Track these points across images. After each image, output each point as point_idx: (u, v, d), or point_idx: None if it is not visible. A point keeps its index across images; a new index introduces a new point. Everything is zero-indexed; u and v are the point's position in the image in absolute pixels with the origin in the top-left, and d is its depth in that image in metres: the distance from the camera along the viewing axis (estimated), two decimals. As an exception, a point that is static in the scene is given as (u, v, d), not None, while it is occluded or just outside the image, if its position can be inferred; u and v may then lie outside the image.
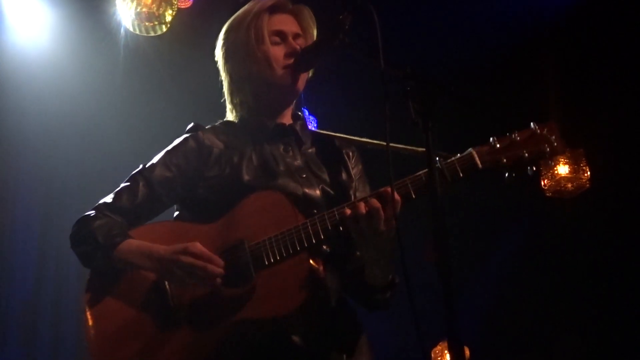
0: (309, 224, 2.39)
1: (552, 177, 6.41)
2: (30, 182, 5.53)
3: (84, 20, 5.39)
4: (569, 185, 6.39)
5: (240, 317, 2.36)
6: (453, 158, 2.41)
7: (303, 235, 2.38)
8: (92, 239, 2.49)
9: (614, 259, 6.45)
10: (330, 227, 2.38)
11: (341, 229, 2.39)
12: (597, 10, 5.93)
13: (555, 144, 2.42)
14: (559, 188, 6.42)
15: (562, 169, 6.34)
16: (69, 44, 5.44)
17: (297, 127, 2.72)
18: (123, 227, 2.53)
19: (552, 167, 6.37)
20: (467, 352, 6.29)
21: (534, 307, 6.71)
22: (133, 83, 5.57)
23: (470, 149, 2.42)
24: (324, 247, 2.48)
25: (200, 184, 2.57)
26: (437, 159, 2.37)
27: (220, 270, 2.37)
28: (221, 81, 2.79)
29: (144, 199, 2.58)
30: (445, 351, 6.81)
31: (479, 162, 2.39)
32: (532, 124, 2.45)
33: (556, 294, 6.68)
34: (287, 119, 2.73)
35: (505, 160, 2.39)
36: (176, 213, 2.70)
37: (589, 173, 6.37)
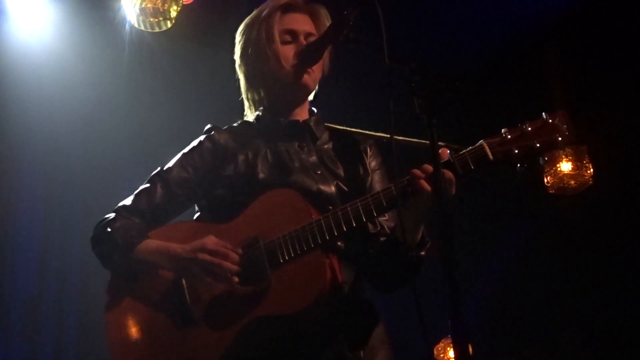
0: (322, 220, 2.40)
1: (555, 174, 6.40)
2: (33, 177, 5.53)
3: (89, 15, 5.38)
4: (572, 182, 6.38)
5: (256, 315, 2.37)
6: (464, 150, 2.41)
7: (317, 231, 2.39)
8: (111, 240, 2.53)
9: (617, 254, 6.44)
10: (343, 224, 2.40)
11: (354, 224, 2.40)
12: (601, 7, 5.93)
13: (567, 133, 2.39)
14: (562, 185, 6.42)
15: (565, 166, 6.33)
16: (73, 40, 5.43)
17: (312, 123, 2.73)
18: (141, 228, 2.56)
19: (555, 164, 6.36)
20: (469, 349, 6.28)
21: (537, 303, 6.71)
22: (138, 79, 5.57)
23: (481, 141, 2.41)
24: (339, 243, 2.49)
25: (218, 184, 2.60)
26: (448, 152, 2.40)
27: (236, 267, 2.39)
28: (238, 79, 2.82)
29: (162, 200, 2.61)
30: (448, 348, 6.81)
31: (489, 153, 2.38)
32: (543, 114, 2.43)
33: (559, 290, 6.68)
34: (302, 115, 2.75)
35: (516, 151, 2.38)
36: (196, 215, 2.73)
37: (592, 170, 6.37)
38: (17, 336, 5.23)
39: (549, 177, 6.42)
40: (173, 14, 4.83)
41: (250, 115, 2.79)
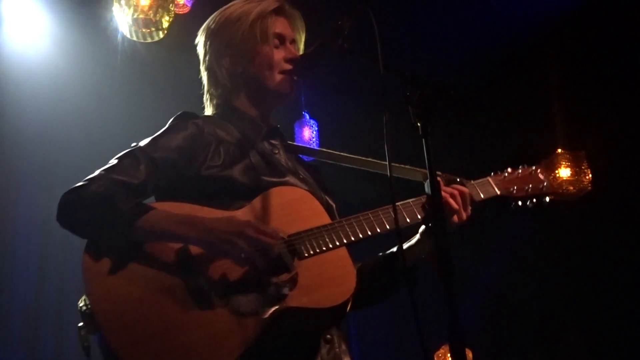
0: (344, 222, 2.43)
1: (553, 180, 6.38)
2: (30, 187, 5.55)
3: (82, 26, 5.40)
4: (571, 187, 6.37)
5: (287, 305, 2.27)
6: (472, 181, 2.68)
7: (341, 233, 2.40)
8: (110, 205, 2.24)
9: (615, 259, 6.45)
10: (367, 229, 2.43)
11: (388, 227, 2.45)
12: (599, 12, 5.93)
13: (548, 183, 2.93)
14: (560, 191, 6.39)
15: (564, 172, 6.31)
16: (66, 51, 5.45)
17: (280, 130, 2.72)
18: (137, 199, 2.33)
19: (554, 170, 6.33)
20: (469, 354, 6.28)
21: (537, 307, 6.72)
22: (130, 89, 5.58)
23: (486, 177, 2.73)
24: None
25: (202, 173, 2.45)
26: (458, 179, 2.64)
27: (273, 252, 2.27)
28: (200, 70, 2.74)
29: (147, 177, 2.39)
30: (449, 355, 6.79)
31: (495, 188, 2.73)
32: (524, 166, 2.88)
33: (558, 295, 6.69)
34: (268, 119, 2.70)
35: (514, 191, 2.77)
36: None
37: (590, 175, 6.35)
38: (16, 343, 5.23)
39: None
40: (165, 24, 4.81)
41: (209, 108, 2.71)
